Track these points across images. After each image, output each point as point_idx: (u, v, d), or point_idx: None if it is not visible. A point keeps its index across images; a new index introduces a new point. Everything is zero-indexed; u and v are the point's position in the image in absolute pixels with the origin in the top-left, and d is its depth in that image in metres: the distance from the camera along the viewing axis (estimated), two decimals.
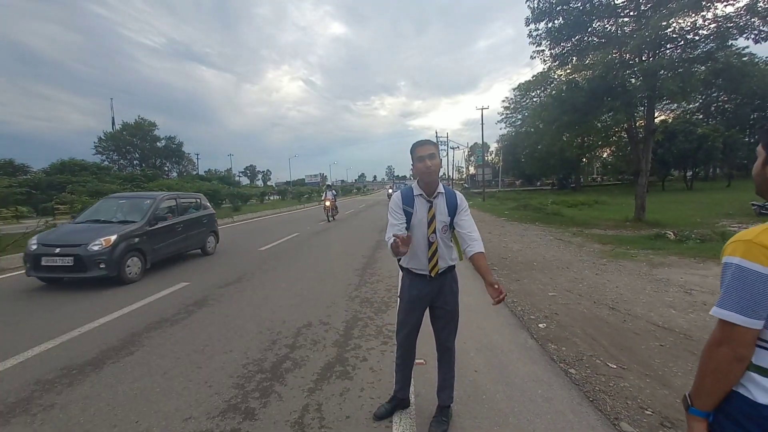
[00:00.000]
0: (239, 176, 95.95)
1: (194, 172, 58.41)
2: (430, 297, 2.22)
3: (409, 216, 2.13)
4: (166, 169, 59.11)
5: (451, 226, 2.16)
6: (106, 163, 48.02)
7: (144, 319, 4.30)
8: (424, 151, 2.06)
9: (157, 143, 58.15)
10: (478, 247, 2.07)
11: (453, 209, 2.13)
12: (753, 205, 14.80)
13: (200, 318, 4.34)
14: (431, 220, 2.10)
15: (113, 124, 55.67)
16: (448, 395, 2.33)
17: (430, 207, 2.11)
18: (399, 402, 2.44)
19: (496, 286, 1.91)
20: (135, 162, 56.40)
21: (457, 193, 2.21)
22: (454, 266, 2.25)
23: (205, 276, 6.37)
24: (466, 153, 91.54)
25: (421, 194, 2.14)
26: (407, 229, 2.12)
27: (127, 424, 2.38)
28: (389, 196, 30.48)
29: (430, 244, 2.11)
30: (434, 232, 2.10)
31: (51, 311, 4.68)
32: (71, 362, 3.27)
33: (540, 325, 3.91)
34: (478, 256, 2.05)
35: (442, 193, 2.13)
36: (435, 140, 49.23)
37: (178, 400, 2.64)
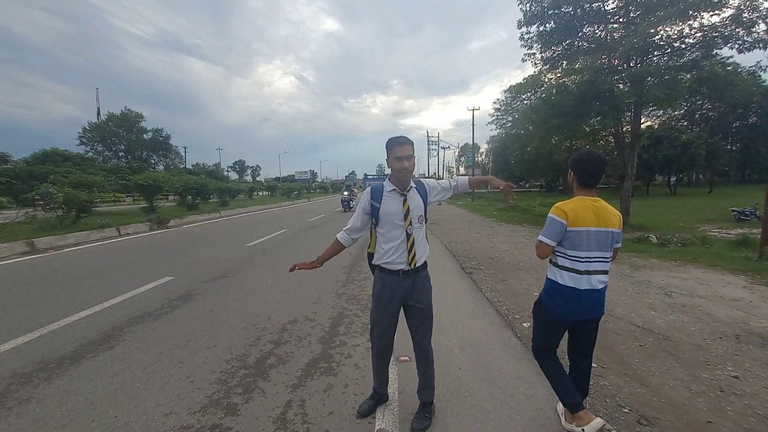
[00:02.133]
0: (228, 171, 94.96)
1: (182, 166, 57.49)
2: (404, 294, 2.22)
3: (375, 210, 2.22)
4: (153, 161, 58.14)
5: (426, 218, 2.27)
6: (90, 154, 47.02)
7: (126, 313, 4.23)
8: (403, 152, 2.10)
9: (144, 135, 57.17)
10: (463, 180, 2.50)
11: (425, 196, 2.27)
12: (733, 211, 15.22)
13: (184, 313, 4.29)
14: (407, 213, 2.17)
15: (98, 114, 54.56)
16: (428, 394, 2.35)
17: (404, 201, 2.18)
18: (380, 397, 2.46)
19: (502, 186, 2.52)
20: (120, 154, 55.36)
21: (422, 180, 2.37)
22: (426, 264, 2.30)
23: (190, 270, 6.29)
24: (456, 153, 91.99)
25: (394, 189, 2.20)
26: (375, 222, 2.25)
27: (106, 419, 2.34)
28: (345, 203, 20.71)
29: (408, 236, 2.17)
30: (410, 224, 2.18)
31: (29, 304, 4.56)
32: (49, 356, 3.20)
33: (524, 324, 3.97)
34: (468, 180, 2.52)
35: (413, 186, 2.24)
36: (428, 140, 49.34)
37: (159, 395, 2.61)
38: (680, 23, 10.58)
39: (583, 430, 2.04)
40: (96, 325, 3.88)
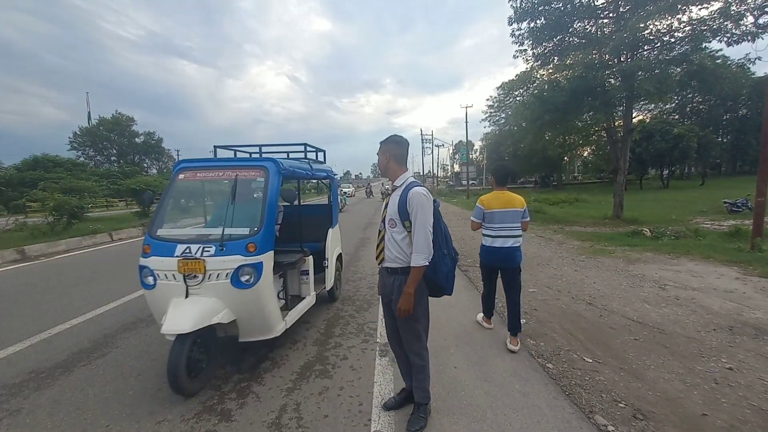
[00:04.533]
0: None
1: None
2: (390, 290, 2.26)
3: None
4: (146, 165, 57.61)
5: (405, 226, 2.12)
6: (81, 159, 46.47)
7: (118, 320, 4.18)
8: (377, 152, 2.31)
9: (136, 139, 56.56)
10: (414, 261, 2.07)
11: (402, 207, 2.10)
12: (725, 203, 15.35)
13: None
14: (384, 209, 2.29)
15: (89, 119, 53.92)
16: (420, 395, 2.32)
17: (387, 196, 2.31)
18: (408, 394, 2.44)
19: (400, 305, 2.11)
20: (112, 158, 54.74)
21: (414, 192, 2.08)
22: (407, 271, 2.15)
23: None
24: (450, 151, 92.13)
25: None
26: None
27: (98, 428, 2.31)
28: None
29: (379, 232, 2.31)
30: (383, 220, 2.27)
31: (20, 313, 4.50)
32: (39, 365, 3.15)
33: (521, 321, 3.95)
34: (411, 269, 2.10)
35: (399, 186, 2.21)
36: (421, 138, 49.27)
37: (151, 402, 2.57)
38: (669, 17, 10.64)
39: (484, 325, 3.84)
40: (88, 333, 3.83)
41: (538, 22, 12.63)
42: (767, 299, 4.37)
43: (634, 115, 14.83)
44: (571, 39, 13.01)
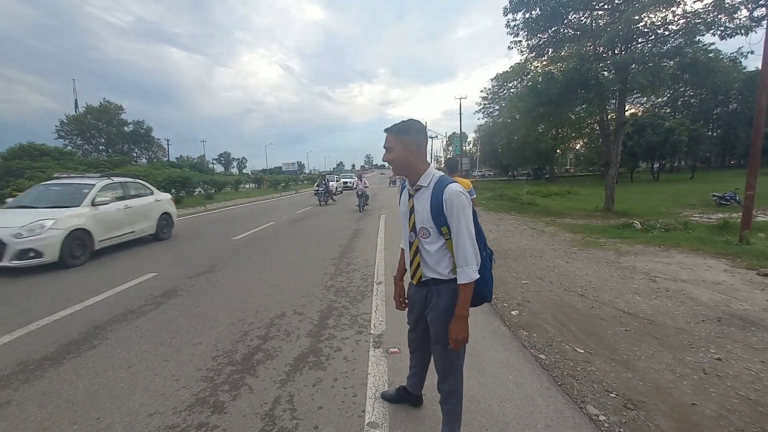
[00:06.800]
0: (213, 163, 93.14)
1: (165, 159, 56.23)
2: (421, 304, 1.92)
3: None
4: (135, 155, 56.67)
5: (443, 233, 1.72)
6: (69, 148, 45.50)
7: (108, 311, 4.12)
8: (384, 143, 1.83)
9: (125, 128, 55.53)
10: (463, 277, 1.66)
11: (437, 210, 1.68)
12: (714, 196, 15.60)
13: (169, 309, 4.20)
14: (410, 214, 1.83)
15: (76, 106, 52.85)
16: None
17: (409, 199, 1.84)
18: (405, 393, 2.34)
19: (454, 335, 1.69)
20: (101, 147, 53.73)
21: (452, 191, 1.66)
22: (451, 282, 1.76)
23: (174, 266, 6.17)
24: (444, 143, 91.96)
25: (407, 186, 1.88)
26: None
27: (88, 421, 2.27)
28: None
29: (410, 243, 1.86)
30: (412, 230, 1.83)
31: (7, 304, 4.42)
32: (28, 357, 3.10)
33: (512, 312, 3.99)
34: (460, 288, 1.68)
35: (424, 186, 1.76)
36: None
37: (143, 394, 2.54)
38: (664, 9, 10.65)
39: None
40: (77, 324, 3.77)
41: (533, 12, 12.59)
42: (754, 291, 4.45)
43: (626, 108, 14.90)
44: (565, 30, 13.00)
